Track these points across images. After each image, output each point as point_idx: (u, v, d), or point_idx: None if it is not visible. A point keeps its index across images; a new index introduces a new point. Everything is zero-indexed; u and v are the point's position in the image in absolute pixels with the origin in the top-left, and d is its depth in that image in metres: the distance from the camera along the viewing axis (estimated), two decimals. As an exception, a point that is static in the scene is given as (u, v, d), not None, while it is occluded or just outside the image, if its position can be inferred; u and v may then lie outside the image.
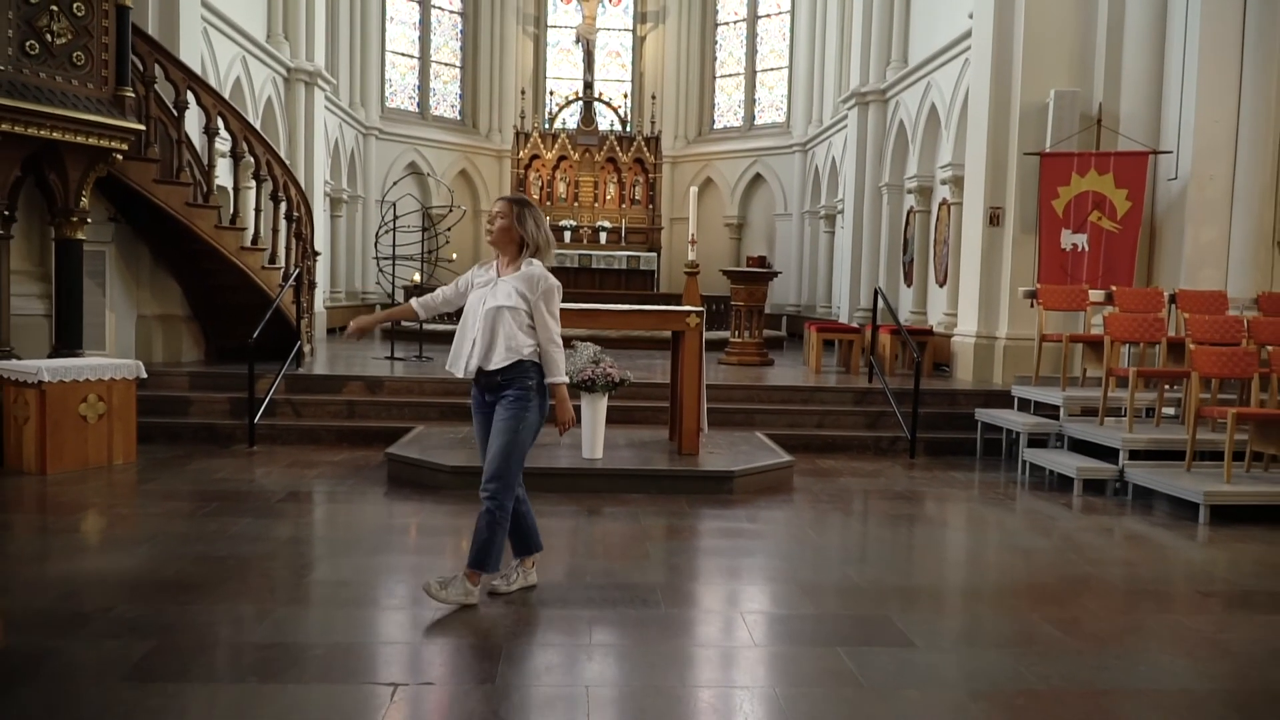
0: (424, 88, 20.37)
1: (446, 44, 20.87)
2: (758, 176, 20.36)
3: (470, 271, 4.30)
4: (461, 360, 4.14)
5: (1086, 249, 9.06)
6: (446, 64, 20.87)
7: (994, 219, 9.96)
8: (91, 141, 7.07)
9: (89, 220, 7.56)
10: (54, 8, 6.88)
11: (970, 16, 10.54)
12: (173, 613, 3.96)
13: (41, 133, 6.77)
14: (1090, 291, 8.61)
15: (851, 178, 15.18)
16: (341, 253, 17.38)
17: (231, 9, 11.61)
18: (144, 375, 7.30)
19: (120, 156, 7.42)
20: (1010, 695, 3.37)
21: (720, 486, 6.58)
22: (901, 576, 4.95)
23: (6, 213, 6.97)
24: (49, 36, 6.87)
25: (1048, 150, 9.34)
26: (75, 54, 7.02)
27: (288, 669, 3.41)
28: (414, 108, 20.19)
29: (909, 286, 13.87)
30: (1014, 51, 9.79)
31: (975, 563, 5.46)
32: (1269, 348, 6.97)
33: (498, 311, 4.03)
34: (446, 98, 20.88)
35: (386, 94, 19.45)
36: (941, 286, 12.52)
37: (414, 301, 4.39)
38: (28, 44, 6.76)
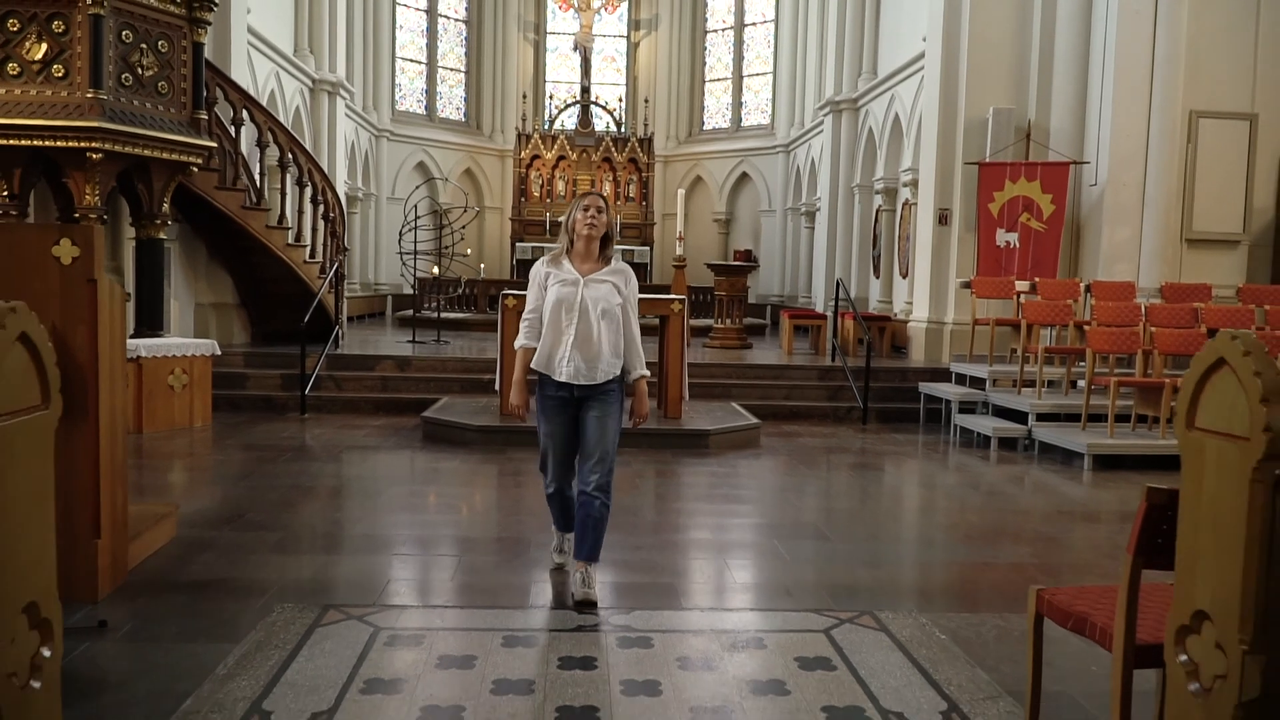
0: (431, 91, 21.69)
1: (452, 50, 22.20)
2: (744, 175, 21.74)
3: (538, 271, 4.14)
4: (561, 366, 4.00)
5: (1017, 246, 10.48)
6: (452, 69, 22.20)
7: (942, 219, 11.39)
8: (174, 157, 8.44)
9: (169, 222, 8.95)
10: (143, 45, 8.25)
11: (924, 40, 11.95)
12: (286, 517, 5.39)
13: (136, 150, 8.14)
14: (1017, 282, 10.04)
15: (826, 178, 16.59)
16: (356, 247, 18.71)
17: (266, 27, 12.95)
18: (218, 353, 8.72)
19: (196, 169, 8.80)
20: (887, 565, 4.82)
21: (698, 442, 8.00)
22: (833, 502, 6.39)
23: (104, 217, 8.35)
24: (139, 70, 8.24)
25: (986, 160, 10.76)
26: (160, 84, 8.40)
27: (383, 547, 4.85)
28: (422, 110, 21.52)
29: (877, 278, 15.29)
30: (959, 72, 11.20)
31: (894, 494, 6.90)
32: (1153, 329, 8.42)
33: (609, 315, 4.00)
34: (452, 101, 22.21)
35: (396, 97, 20.78)
36: (904, 278, 13.92)
37: (524, 343, 4.11)
38: (123, 76, 8.13)
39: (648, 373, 4.17)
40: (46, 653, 2.09)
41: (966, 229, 11.15)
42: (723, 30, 22.49)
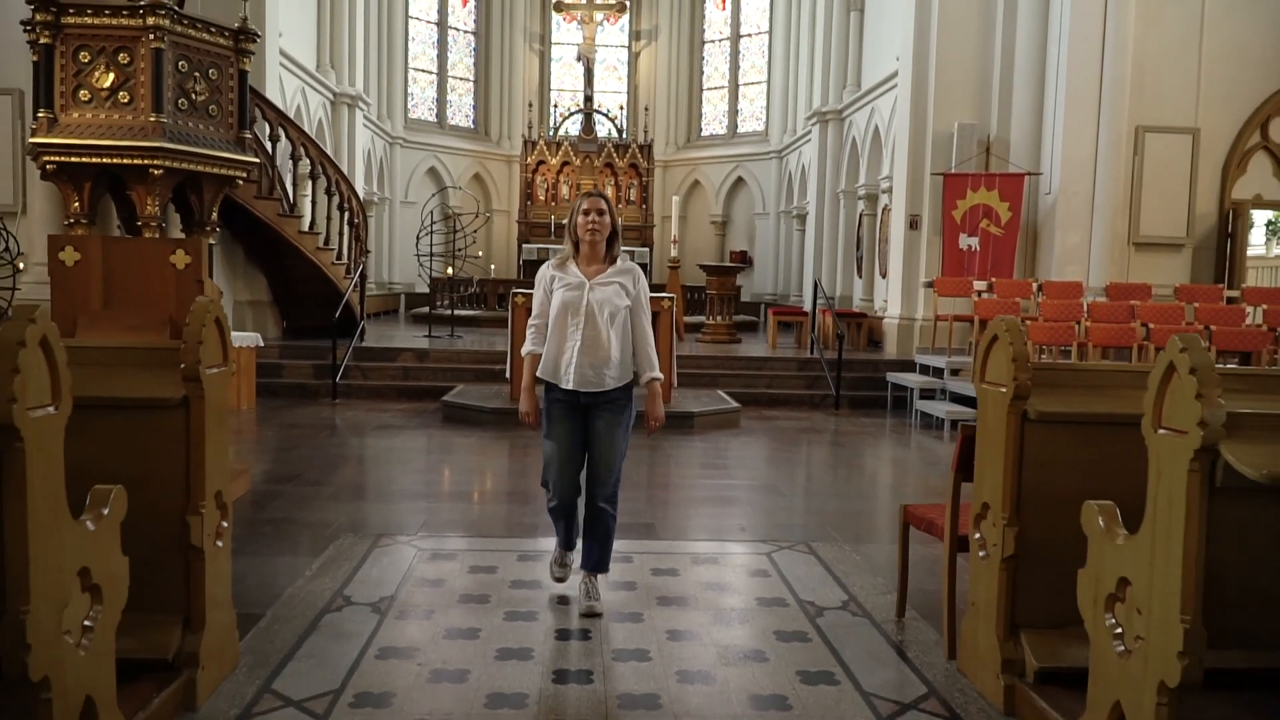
0: (442, 100, 22.80)
1: (461, 60, 23.30)
2: (739, 179, 22.82)
3: (544, 274, 4.03)
4: (569, 374, 3.88)
5: (978, 249, 11.55)
6: (462, 78, 23.30)
7: (913, 224, 12.47)
8: (223, 172, 9.56)
9: (217, 229, 10.06)
10: (196, 74, 9.37)
11: (897, 59, 13.02)
12: (335, 477, 6.50)
13: (191, 166, 9.25)
14: (975, 282, 11.11)
15: (814, 184, 17.68)
16: (372, 248, 19.80)
17: (292, 47, 14.03)
18: (262, 344, 9.83)
19: (241, 182, 9.91)
20: (828, 513, 5.91)
21: (685, 423, 9.09)
22: (795, 469, 7.49)
23: (163, 225, 9.46)
24: (193, 95, 9.36)
25: (951, 171, 11.84)
26: (211, 107, 9.52)
27: (418, 497, 5.97)
28: (433, 118, 22.62)
29: (860, 277, 16.37)
30: (928, 90, 12.27)
31: (849, 464, 7.99)
32: (1089, 324, 9.51)
33: (616, 318, 3.89)
34: (462, 108, 23.32)
35: (409, 106, 21.89)
36: (884, 278, 14.98)
37: (531, 349, 4.01)
38: (180, 101, 9.24)
39: (661, 375, 3.99)
40: (225, 524, 3.20)
41: (934, 233, 12.22)
42: (719, 41, 23.56)
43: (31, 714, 2.15)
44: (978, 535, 3.32)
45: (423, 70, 22.40)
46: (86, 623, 2.33)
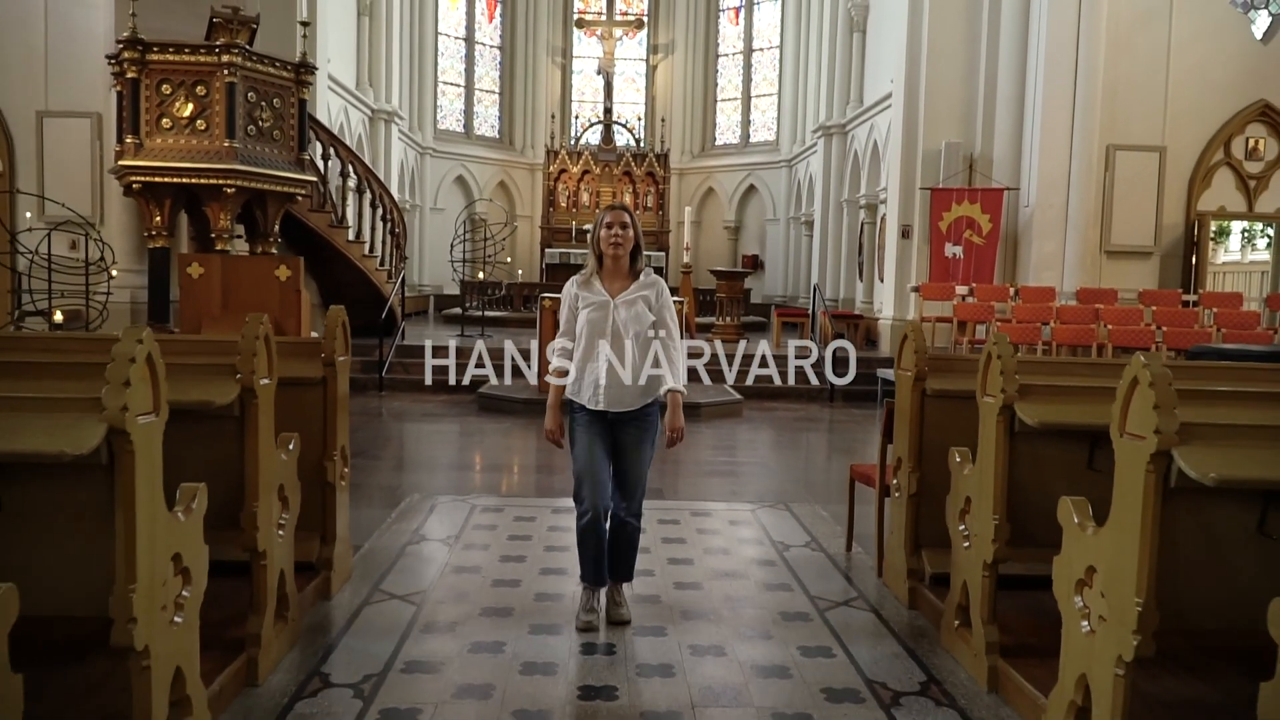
0: (469, 111, 24.07)
1: (488, 74, 24.57)
2: (751, 187, 23.97)
3: (569, 292, 4.02)
4: (598, 395, 3.89)
5: (962, 257, 12.68)
6: (487, 90, 24.57)
7: (905, 233, 13.61)
8: (285, 190, 10.82)
9: (279, 239, 11.33)
10: (263, 103, 10.64)
11: (891, 81, 14.17)
12: (394, 453, 7.74)
13: (258, 185, 10.51)
14: (958, 287, 12.24)
15: (820, 193, 18.83)
16: (408, 254, 21.08)
17: (335, 68, 15.32)
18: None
19: (300, 198, 11.18)
20: (807, 483, 7.09)
21: (691, 412, 10.26)
22: (785, 450, 8.68)
23: (232, 236, 10.74)
24: (260, 122, 10.63)
25: (938, 186, 12.97)
26: (274, 132, 10.79)
27: (465, 469, 7.20)
28: (461, 129, 23.89)
29: (862, 281, 17.51)
30: (918, 112, 13.41)
31: (834, 446, 9.17)
32: (1051, 325, 10.64)
33: (641, 337, 3.89)
34: (488, 119, 24.58)
35: (438, 118, 23.17)
36: (883, 282, 16.12)
37: (558, 366, 4.01)
38: (249, 128, 10.51)
39: (681, 388, 3.95)
40: (346, 470, 4.43)
41: (923, 242, 13.36)
42: (733, 54, 24.73)
43: (254, 577, 3.37)
44: (894, 482, 4.50)
45: (451, 84, 23.66)
46: (281, 521, 3.55)
